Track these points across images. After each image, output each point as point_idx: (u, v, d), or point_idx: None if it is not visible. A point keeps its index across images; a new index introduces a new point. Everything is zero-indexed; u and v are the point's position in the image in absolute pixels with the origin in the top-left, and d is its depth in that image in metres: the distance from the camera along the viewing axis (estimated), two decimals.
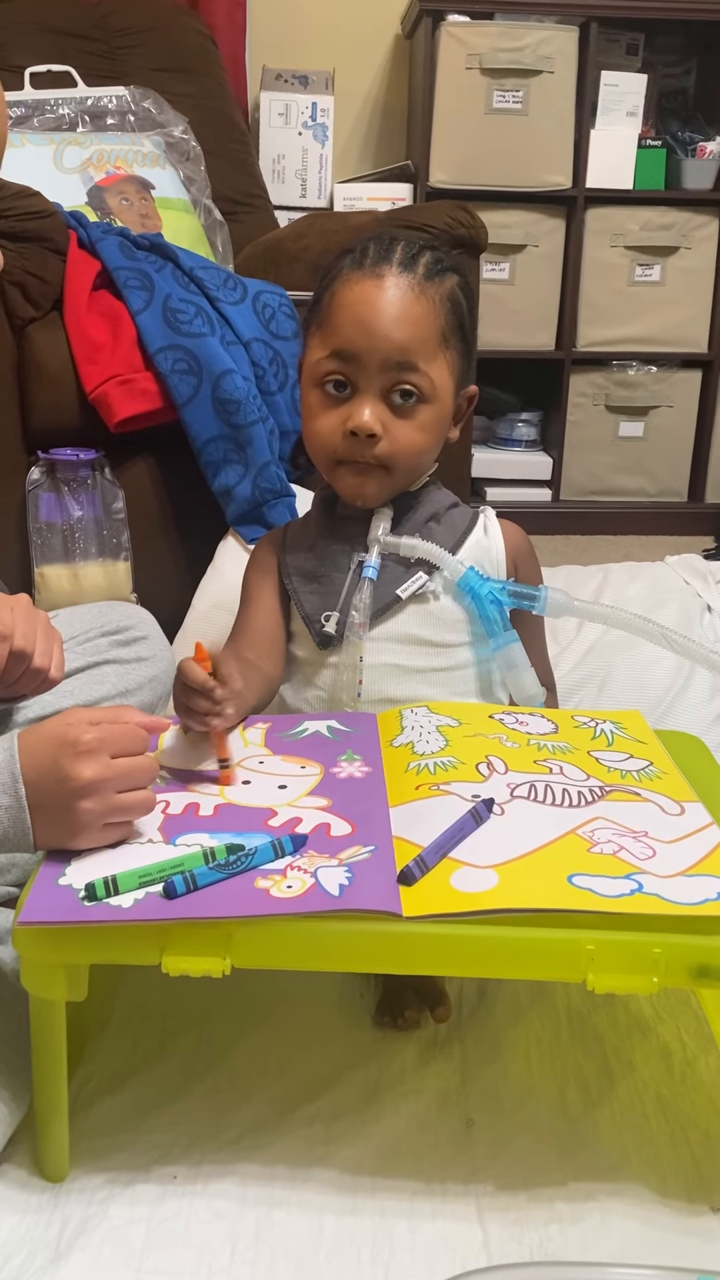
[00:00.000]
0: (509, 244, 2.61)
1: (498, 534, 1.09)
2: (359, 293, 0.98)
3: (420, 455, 1.02)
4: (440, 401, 1.00)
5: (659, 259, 2.67)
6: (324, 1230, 0.76)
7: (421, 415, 0.99)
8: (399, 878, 0.74)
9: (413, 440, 1.00)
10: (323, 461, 1.03)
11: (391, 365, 0.97)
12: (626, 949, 0.70)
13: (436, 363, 0.99)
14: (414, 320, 0.97)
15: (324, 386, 1.00)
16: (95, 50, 2.22)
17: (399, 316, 0.97)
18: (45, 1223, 0.75)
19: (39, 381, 1.54)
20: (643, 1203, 0.78)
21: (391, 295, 0.97)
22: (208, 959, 0.71)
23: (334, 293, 1.00)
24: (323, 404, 1.00)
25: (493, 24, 2.50)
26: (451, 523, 1.08)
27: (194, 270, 1.58)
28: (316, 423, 1.01)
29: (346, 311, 0.98)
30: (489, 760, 0.89)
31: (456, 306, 1.01)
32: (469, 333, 1.04)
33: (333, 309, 1.00)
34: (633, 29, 2.63)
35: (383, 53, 2.78)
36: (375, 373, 0.97)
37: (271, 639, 1.06)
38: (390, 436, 0.99)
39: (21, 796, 0.75)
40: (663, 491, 2.83)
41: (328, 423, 1.00)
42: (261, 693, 1.02)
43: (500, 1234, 0.75)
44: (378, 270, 0.98)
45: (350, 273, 0.99)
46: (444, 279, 1.00)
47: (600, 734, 0.97)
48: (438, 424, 1.01)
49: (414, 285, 0.98)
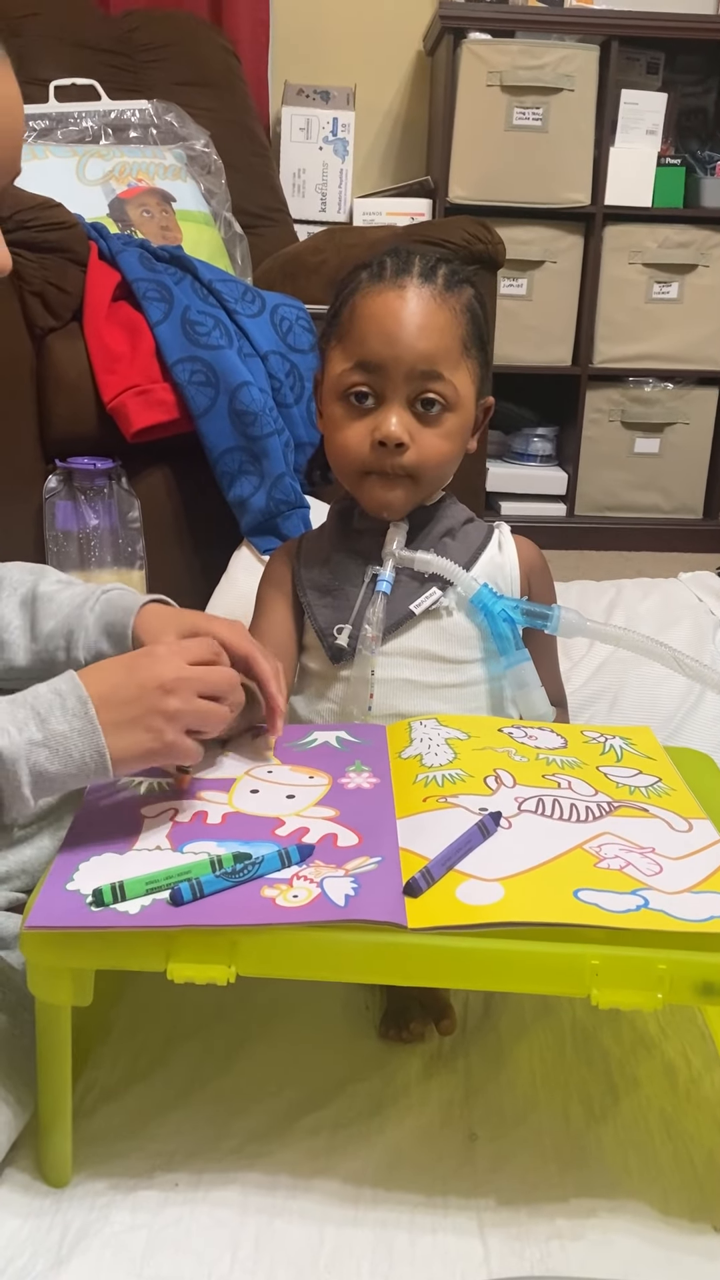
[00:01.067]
0: (527, 260, 2.62)
1: (512, 550, 1.09)
2: (381, 303, 0.98)
3: (445, 464, 1.02)
4: (464, 410, 1.01)
5: (677, 276, 2.68)
6: (324, 1240, 0.76)
7: (447, 423, 1.00)
8: (405, 889, 0.74)
9: (439, 449, 1.00)
10: (349, 474, 1.03)
11: (417, 374, 0.97)
12: (631, 965, 0.70)
13: (459, 371, 0.99)
14: (438, 329, 0.98)
15: (348, 399, 1.00)
16: (119, 64, 2.25)
17: (423, 325, 0.97)
18: (47, 1227, 0.76)
19: (57, 391, 1.55)
20: (645, 1220, 0.78)
21: (414, 305, 0.98)
22: (213, 966, 0.71)
23: (354, 305, 1.00)
24: (347, 416, 1.00)
25: (514, 42, 2.52)
26: (466, 538, 1.08)
27: (213, 283, 1.59)
28: (342, 435, 1.01)
29: (370, 322, 0.98)
30: (497, 773, 0.89)
31: (475, 317, 1.01)
32: (486, 344, 1.04)
33: (354, 321, 1.00)
34: (653, 48, 2.65)
35: (404, 69, 2.81)
36: (401, 382, 0.98)
37: (283, 653, 1.07)
38: (417, 445, 0.99)
39: (93, 718, 0.76)
40: (678, 508, 2.83)
41: (354, 434, 1.00)
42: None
43: (501, 1248, 0.75)
44: (399, 281, 0.98)
45: (370, 285, 1.00)
46: (461, 290, 1.01)
47: (609, 749, 0.97)
48: (461, 433, 1.02)
49: (435, 295, 0.98)
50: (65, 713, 0.76)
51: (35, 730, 0.75)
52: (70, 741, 0.75)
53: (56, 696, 0.76)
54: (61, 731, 0.75)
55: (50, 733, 0.75)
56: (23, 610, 0.99)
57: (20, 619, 0.99)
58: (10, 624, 0.98)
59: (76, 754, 0.76)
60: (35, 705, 0.76)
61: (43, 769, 0.75)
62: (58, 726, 0.75)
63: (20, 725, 0.75)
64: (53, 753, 0.75)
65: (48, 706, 0.76)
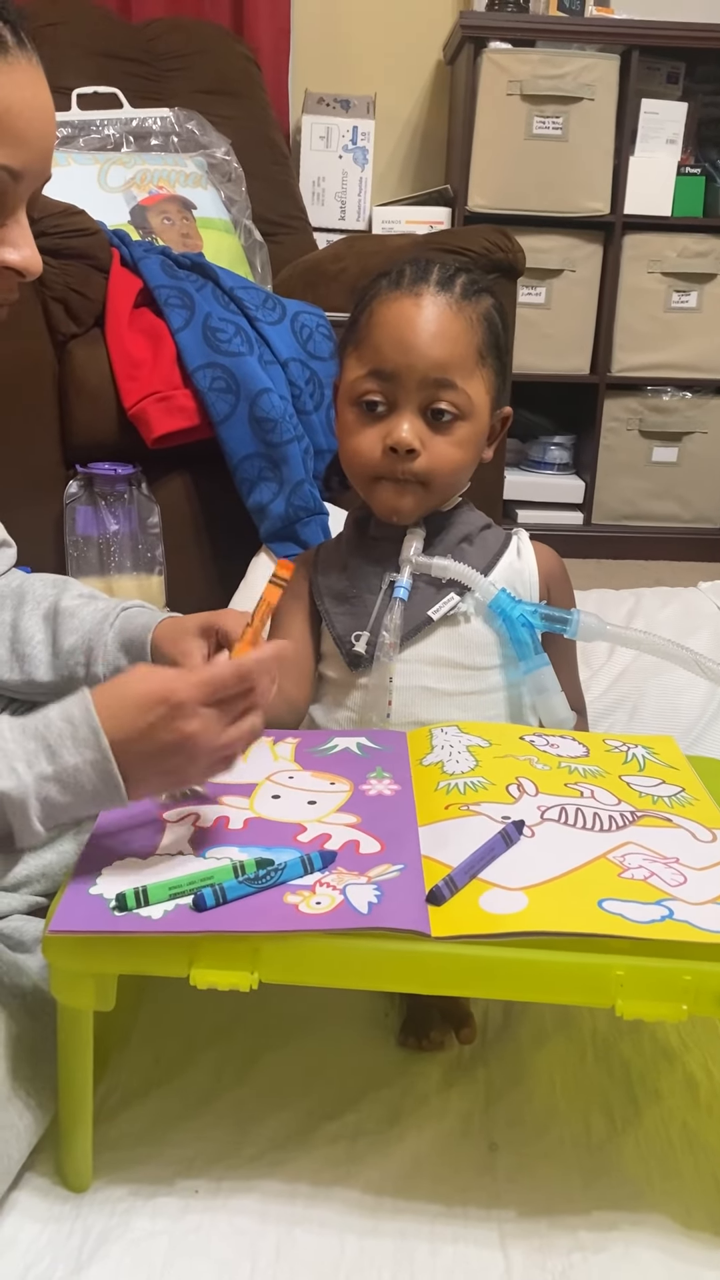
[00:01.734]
0: (546, 269, 2.62)
1: (530, 556, 1.09)
2: (397, 311, 0.99)
3: (457, 472, 1.02)
4: (477, 419, 1.01)
5: (696, 286, 2.67)
6: (345, 1250, 0.75)
7: (459, 432, 1.00)
8: (428, 897, 0.74)
9: (450, 456, 1.00)
10: (360, 478, 1.03)
11: (430, 382, 0.98)
12: (656, 976, 0.70)
13: (474, 380, 0.99)
14: (452, 338, 0.98)
15: (361, 405, 1.00)
16: (141, 73, 2.26)
17: (437, 334, 0.98)
18: (67, 1232, 0.76)
19: (79, 396, 1.56)
20: (667, 1234, 0.77)
21: (429, 313, 0.98)
22: (235, 973, 0.71)
23: (371, 312, 1.01)
24: (360, 421, 1.01)
25: (534, 51, 2.52)
26: (484, 544, 1.08)
27: (234, 290, 1.60)
28: (354, 440, 1.01)
29: (384, 330, 0.99)
30: (519, 782, 0.89)
31: (492, 326, 1.01)
32: (504, 354, 1.04)
33: (370, 328, 1.00)
34: (673, 58, 2.65)
35: (424, 78, 2.81)
36: (414, 390, 0.98)
37: (298, 665, 1.07)
38: (429, 452, 0.99)
39: (105, 749, 0.72)
40: (696, 518, 2.82)
41: (366, 440, 1.00)
42: (283, 716, 1.03)
43: (523, 1261, 0.75)
44: (415, 290, 0.99)
45: (387, 293, 1.00)
46: (480, 299, 1.01)
47: (632, 759, 0.96)
48: (474, 441, 1.02)
49: (451, 304, 0.99)
50: (77, 743, 0.73)
51: (45, 764, 0.73)
52: (82, 774, 0.73)
53: (68, 725, 0.74)
54: (73, 765, 0.73)
55: (61, 766, 0.73)
56: (45, 625, 0.99)
57: (43, 633, 0.99)
58: (33, 638, 0.99)
59: (89, 786, 0.74)
60: (46, 735, 0.74)
61: (54, 802, 0.73)
62: (69, 760, 0.73)
63: (30, 760, 0.73)
64: (64, 787, 0.73)
65: (58, 737, 0.73)
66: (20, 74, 0.79)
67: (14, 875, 0.94)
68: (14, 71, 0.79)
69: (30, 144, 0.81)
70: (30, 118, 0.80)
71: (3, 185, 0.80)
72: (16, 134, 0.79)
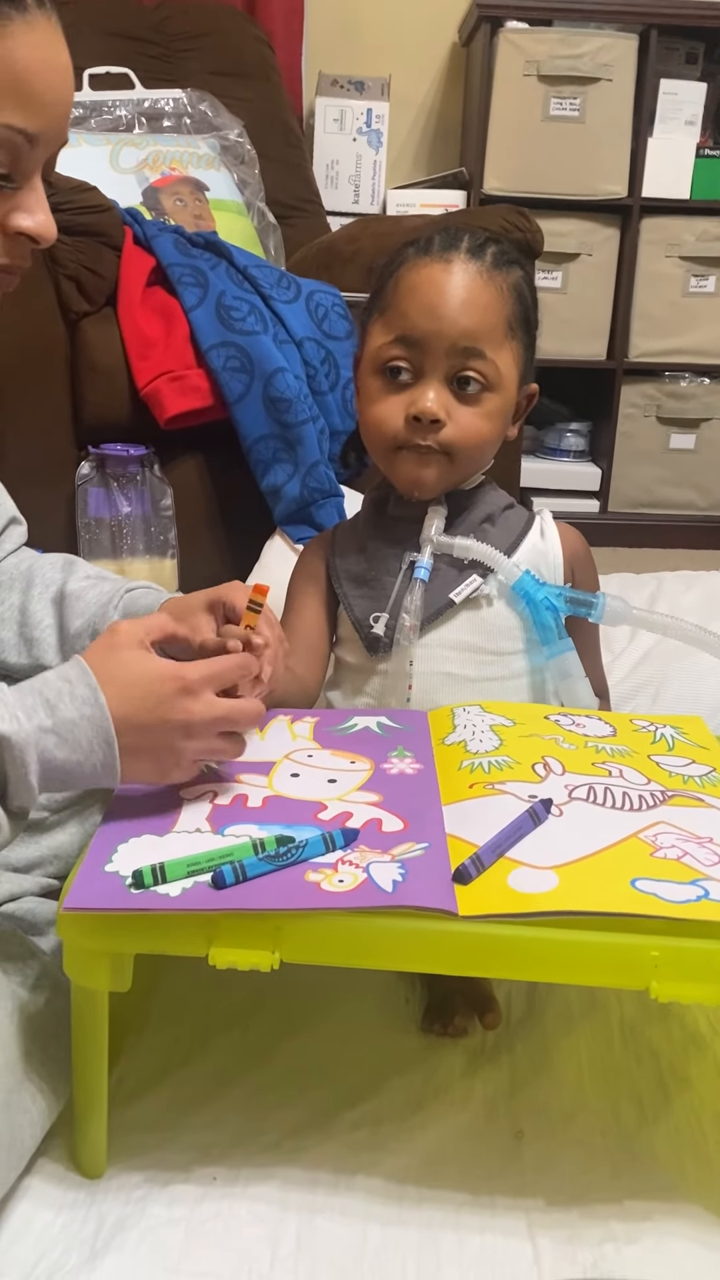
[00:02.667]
0: (563, 252, 2.59)
1: (555, 538, 1.06)
2: (426, 276, 0.96)
3: (483, 446, 0.99)
4: (505, 392, 0.98)
5: (714, 270, 2.64)
6: (368, 1239, 0.73)
7: (487, 403, 0.97)
8: (454, 876, 0.71)
9: (477, 428, 0.97)
10: (381, 449, 1.00)
11: (458, 351, 0.95)
12: (693, 956, 0.67)
13: (503, 351, 0.96)
14: (483, 306, 0.95)
15: (386, 372, 0.97)
16: (153, 53, 2.24)
17: (467, 301, 0.95)
18: (82, 1220, 0.74)
19: (91, 376, 1.53)
20: (701, 1224, 0.75)
21: (459, 279, 0.95)
22: (256, 952, 0.69)
23: (398, 278, 0.98)
24: (384, 390, 0.98)
25: (551, 31, 2.49)
26: (507, 524, 1.05)
27: (248, 268, 1.57)
28: (376, 408, 0.98)
29: (412, 295, 0.96)
30: (545, 761, 0.86)
31: (522, 298, 0.99)
32: (533, 328, 1.01)
33: (398, 294, 0.97)
34: (692, 38, 2.61)
35: (439, 59, 2.78)
36: (441, 358, 0.95)
37: (313, 648, 1.04)
38: (454, 422, 0.96)
39: (102, 705, 0.73)
40: (713, 505, 2.79)
41: (389, 408, 0.97)
42: (293, 696, 1.00)
43: (552, 1251, 0.72)
44: (445, 255, 0.96)
45: (416, 259, 0.97)
46: (510, 270, 0.98)
47: (660, 738, 0.94)
48: (501, 415, 0.99)
49: (482, 272, 0.96)
50: (74, 700, 0.74)
51: (44, 716, 0.73)
52: (79, 729, 0.73)
53: (65, 683, 0.74)
54: (70, 718, 0.73)
55: (59, 719, 0.73)
56: (54, 608, 0.98)
57: (51, 617, 0.97)
58: (42, 622, 0.97)
59: (85, 741, 0.73)
60: (44, 692, 0.74)
61: (50, 755, 0.73)
62: (66, 713, 0.73)
63: (29, 711, 0.73)
64: (61, 739, 0.73)
65: (56, 693, 0.74)
66: (39, 34, 0.77)
67: (25, 857, 0.92)
68: (33, 31, 0.77)
69: (48, 106, 0.79)
70: (49, 79, 0.78)
71: (18, 148, 0.78)
72: (34, 96, 0.77)
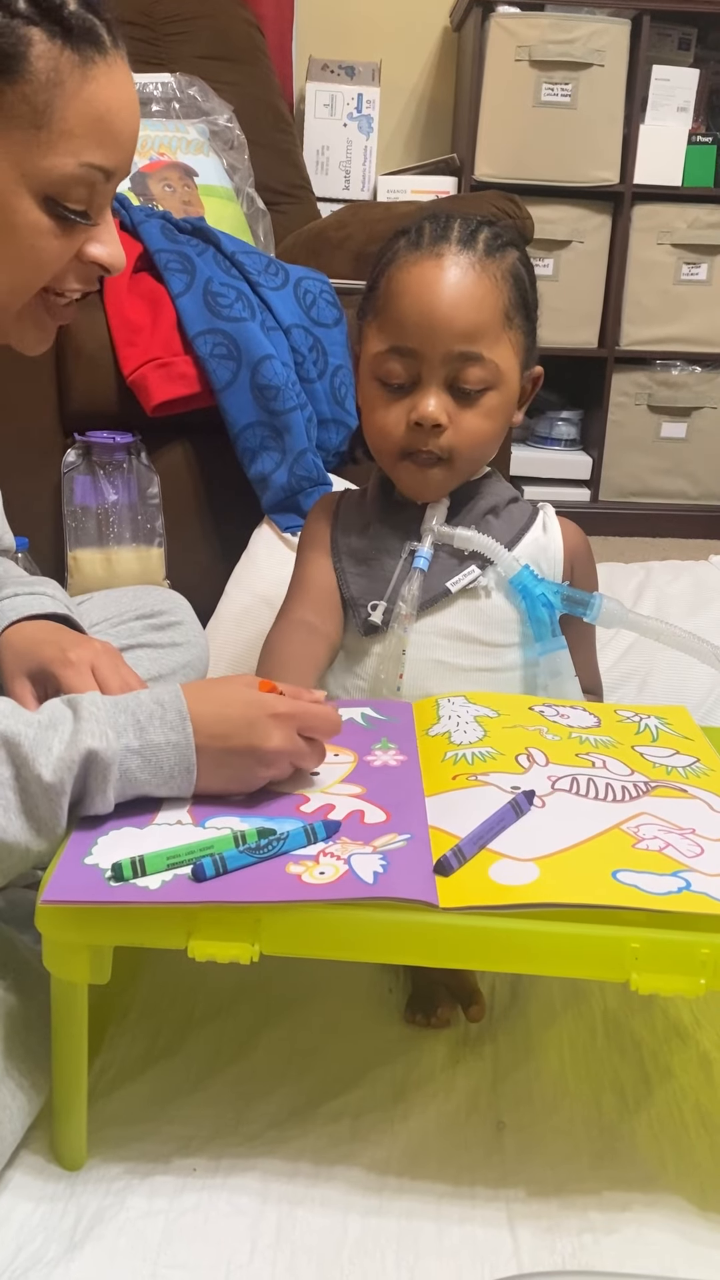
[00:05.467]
0: (554, 239, 2.58)
1: (557, 533, 1.06)
2: (417, 277, 0.94)
3: (485, 445, 0.99)
4: (506, 386, 0.97)
5: (706, 258, 2.63)
6: (348, 1230, 0.73)
7: (487, 402, 0.96)
8: (435, 868, 0.71)
9: (478, 429, 0.96)
10: (386, 456, 1.00)
11: (454, 356, 0.93)
12: (673, 949, 0.67)
13: (500, 346, 0.95)
14: (476, 303, 0.93)
15: (385, 380, 0.97)
16: (142, 36, 2.21)
17: (459, 302, 0.93)
18: (61, 1212, 0.73)
19: (77, 363, 1.52)
20: (681, 1215, 0.75)
21: (451, 277, 0.93)
22: (236, 945, 0.68)
23: (390, 278, 0.96)
24: (385, 397, 0.97)
25: (543, 15, 2.47)
26: (510, 518, 1.04)
27: (236, 254, 1.56)
28: (378, 416, 0.98)
29: (404, 300, 0.94)
30: (529, 752, 0.86)
31: (519, 282, 0.97)
32: (532, 310, 1.00)
33: (389, 297, 0.96)
34: (685, 23, 2.59)
35: (430, 45, 2.76)
36: (438, 365, 0.94)
37: (330, 600, 1.03)
38: (455, 426, 0.95)
39: (189, 734, 0.75)
40: (704, 494, 2.78)
41: (391, 416, 0.97)
42: (324, 660, 1.00)
43: (532, 1241, 0.72)
44: (436, 250, 0.94)
45: (406, 255, 0.95)
46: (504, 254, 0.96)
47: (644, 729, 0.94)
48: (504, 410, 0.98)
49: (475, 264, 0.94)
50: (164, 725, 0.76)
51: (133, 738, 0.75)
52: (163, 754, 0.75)
53: (158, 707, 0.76)
54: (157, 743, 0.75)
55: (146, 742, 0.75)
56: None
57: None
58: None
59: (167, 766, 0.76)
60: (136, 712, 0.76)
61: (133, 776, 0.75)
62: (154, 737, 0.75)
63: (119, 730, 0.75)
64: (145, 761, 0.75)
65: (148, 715, 0.76)
66: (118, 73, 0.79)
67: None
68: (113, 72, 0.78)
69: (124, 143, 0.81)
70: (126, 117, 0.80)
71: (97, 185, 0.80)
72: (114, 134, 0.79)
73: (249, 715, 0.78)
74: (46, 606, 0.94)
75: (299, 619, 1.01)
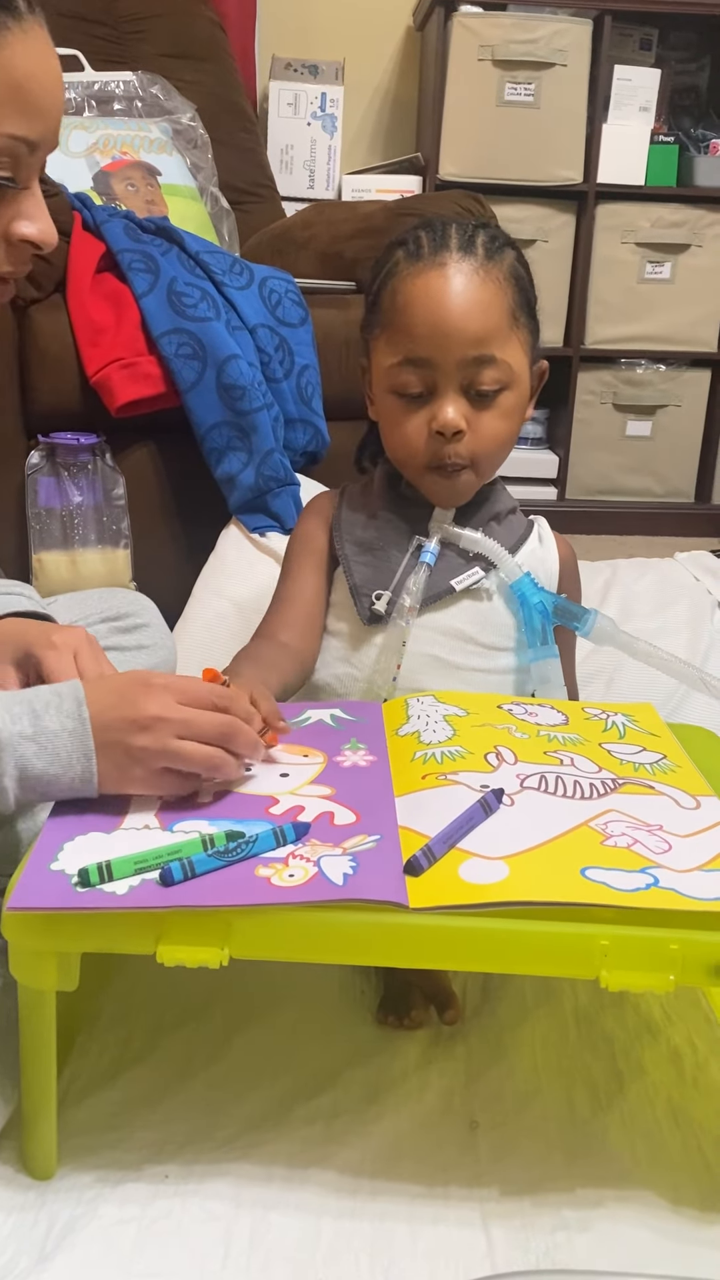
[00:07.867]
0: (518, 238, 2.54)
1: (552, 545, 1.09)
2: (423, 288, 0.95)
3: (505, 445, 1.00)
4: (519, 384, 0.98)
5: (670, 256, 2.65)
6: (322, 1233, 0.73)
7: (503, 402, 0.97)
8: (405, 868, 0.71)
9: (497, 430, 0.98)
10: (411, 469, 1.01)
11: (469, 362, 0.94)
12: (642, 945, 0.67)
13: (510, 345, 0.96)
14: (484, 308, 0.94)
15: (401, 393, 0.97)
16: (103, 35, 2.20)
17: (468, 308, 0.94)
18: (31, 1222, 0.72)
19: (40, 364, 1.51)
20: (654, 1211, 0.75)
21: (457, 285, 0.94)
22: (205, 949, 0.68)
23: (394, 290, 0.97)
24: (403, 409, 0.98)
25: (505, 15, 2.48)
26: (511, 527, 1.07)
27: (200, 254, 1.55)
28: (400, 430, 0.99)
29: (413, 312, 0.95)
30: (498, 750, 0.86)
31: (520, 281, 0.98)
32: (534, 306, 1.01)
33: (396, 310, 0.96)
34: (647, 24, 2.61)
35: (394, 44, 2.76)
36: (453, 372, 0.95)
37: (309, 617, 1.04)
38: (474, 430, 0.97)
39: (85, 719, 0.74)
40: (670, 492, 2.80)
41: (412, 427, 0.98)
42: (292, 677, 1.00)
43: (505, 1241, 0.72)
44: (438, 259, 0.95)
45: (408, 266, 0.96)
46: (503, 256, 0.97)
47: (612, 726, 0.94)
48: (518, 407, 0.99)
49: (478, 269, 0.94)
50: (60, 713, 0.75)
51: (27, 724, 0.74)
52: (60, 741, 0.74)
53: (55, 696, 0.76)
54: (52, 729, 0.74)
55: (41, 728, 0.74)
56: None
57: None
58: None
59: (64, 754, 0.74)
60: (33, 702, 0.75)
61: (28, 764, 0.74)
62: (50, 724, 0.74)
63: (14, 718, 0.74)
64: (40, 749, 0.74)
65: (44, 704, 0.75)
66: (34, 41, 0.77)
67: None
68: (28, 38, 0.76)
69: (46, 112, 0.79)
70: (46, 85, 0.78)
71: (20, 158, 0.78)
72: (33, 103, 0.77)
73: (121, 686, 0.77)
74: (24, 605, 0.93)
75: (275, 639, 1.02)
